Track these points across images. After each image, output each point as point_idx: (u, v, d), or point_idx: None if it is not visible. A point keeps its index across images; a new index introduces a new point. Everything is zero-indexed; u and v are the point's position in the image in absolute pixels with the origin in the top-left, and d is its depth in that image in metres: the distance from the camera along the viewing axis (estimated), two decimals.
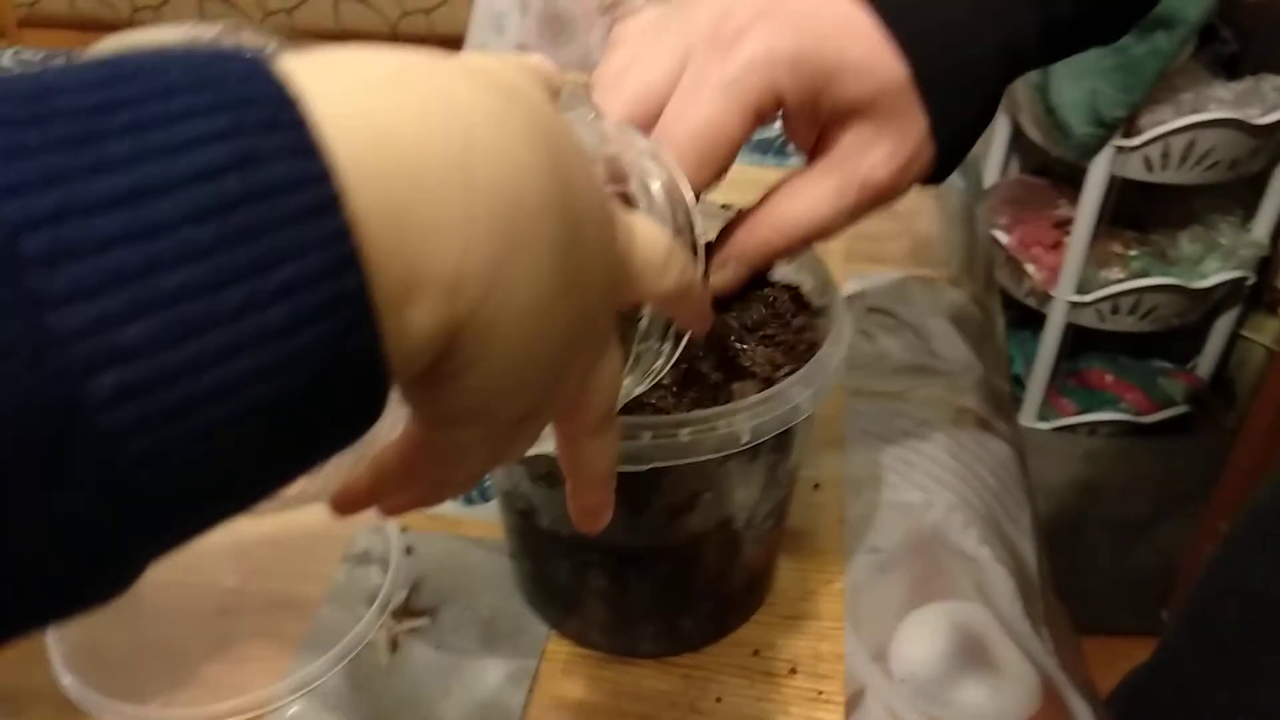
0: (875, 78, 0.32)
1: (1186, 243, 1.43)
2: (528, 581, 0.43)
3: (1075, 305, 1.44)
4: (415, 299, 0.17)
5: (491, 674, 0.41)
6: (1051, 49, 0.35)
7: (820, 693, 0.41)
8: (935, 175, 0.35)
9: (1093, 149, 1.31)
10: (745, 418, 0.33)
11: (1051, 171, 1.56)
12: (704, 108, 0.31)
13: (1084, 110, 1.28)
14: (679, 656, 0.42)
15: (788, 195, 0.35)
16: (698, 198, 0.34)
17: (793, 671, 0.41)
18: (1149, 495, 1.50)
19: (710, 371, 0.36)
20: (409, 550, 0.46)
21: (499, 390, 0.20)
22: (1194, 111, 1.25)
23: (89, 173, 0.14)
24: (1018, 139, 1.55)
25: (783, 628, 0.43)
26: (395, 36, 1.51)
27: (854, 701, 0.40)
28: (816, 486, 0.48)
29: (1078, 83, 1.29)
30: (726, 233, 0.36)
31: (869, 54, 0.32)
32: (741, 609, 0.43)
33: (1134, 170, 1.33)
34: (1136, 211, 1.44)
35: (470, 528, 0.48)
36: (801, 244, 0.35)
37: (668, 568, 0.39)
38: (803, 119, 0.34)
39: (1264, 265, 1.44)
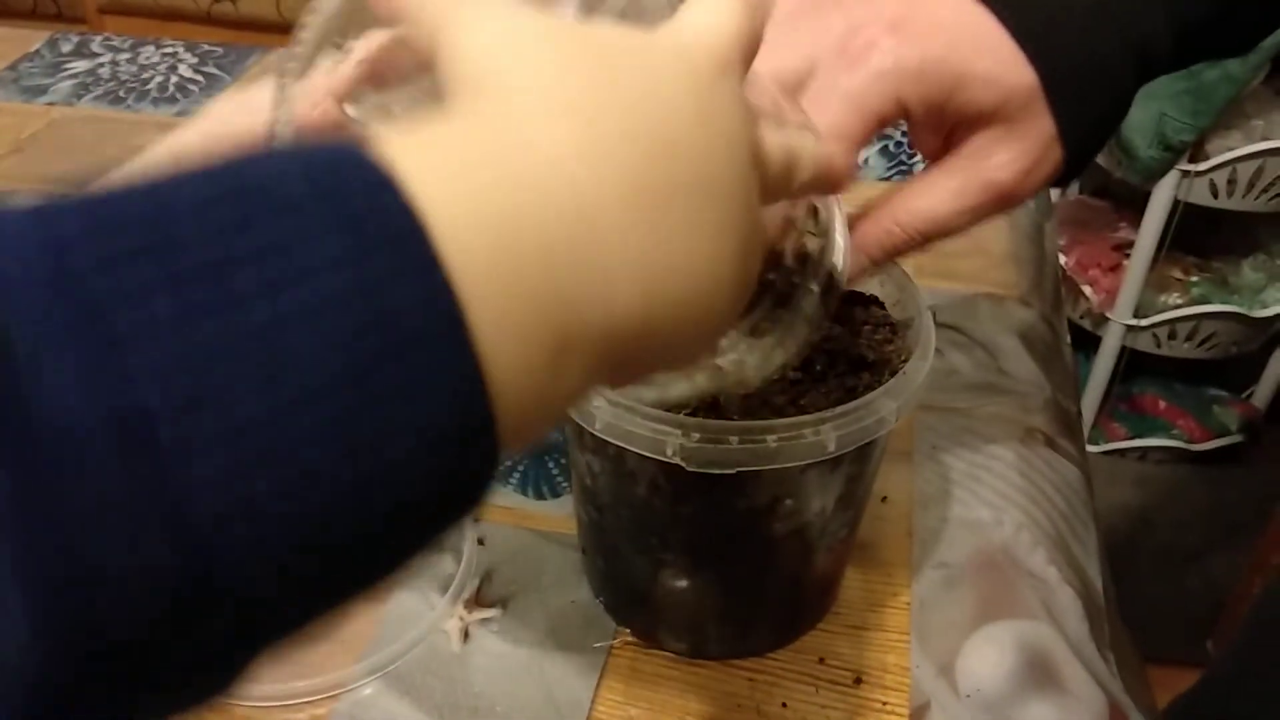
0: (1001, 86, 0.32)
1: (1249, 270, 1.41)
2: (599, 578, 0.44)
3: (1132, 329, 1.42)
4: (568, 357, 0.17)
5: (560, 668, 0.42)
6: (1184, 52, 0.35)
7: (885, 704, 0.41)
8: (1065, 176, 0.35)
9: (1158, 173, 1.30)
10: (831, 427, 0.34)
11: (1112, 193, 1.54)
12: (829, 116, 0.32)
13: (1150, 133, 1.27)
14: (745, 660, 0.42)
15: (911, 192, 0.35)
16: None
17: (858, 681, 0.42)
18: (1198, 525, 1.48)
19: (792, 379, 0.37)
20: (481, 541, 0.47)
21: (683, 354, 0.21)
22: (1264, 139, 1.23)
23: (211, 314, 0.14)
24: None
25: (849, 638, 0.43)
26: None
27: (918, 715, 0.40)
28: (885, 499, 0.49)
29: (1145, 105, 1.27)
30: (849, 226, 0.36)
31: (997, 63, 0.32)
32: (809, 617, 0.43)
33: (1199, 196, 1.31)
34: (1198, 237, 1.42)
35: (541, 521, 0.48)
36: (922, 240, 0.35)
37: (741, 571, 0.40)
38: (927, 127, 0.34)
39: None
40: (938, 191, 0.35)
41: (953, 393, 0.55)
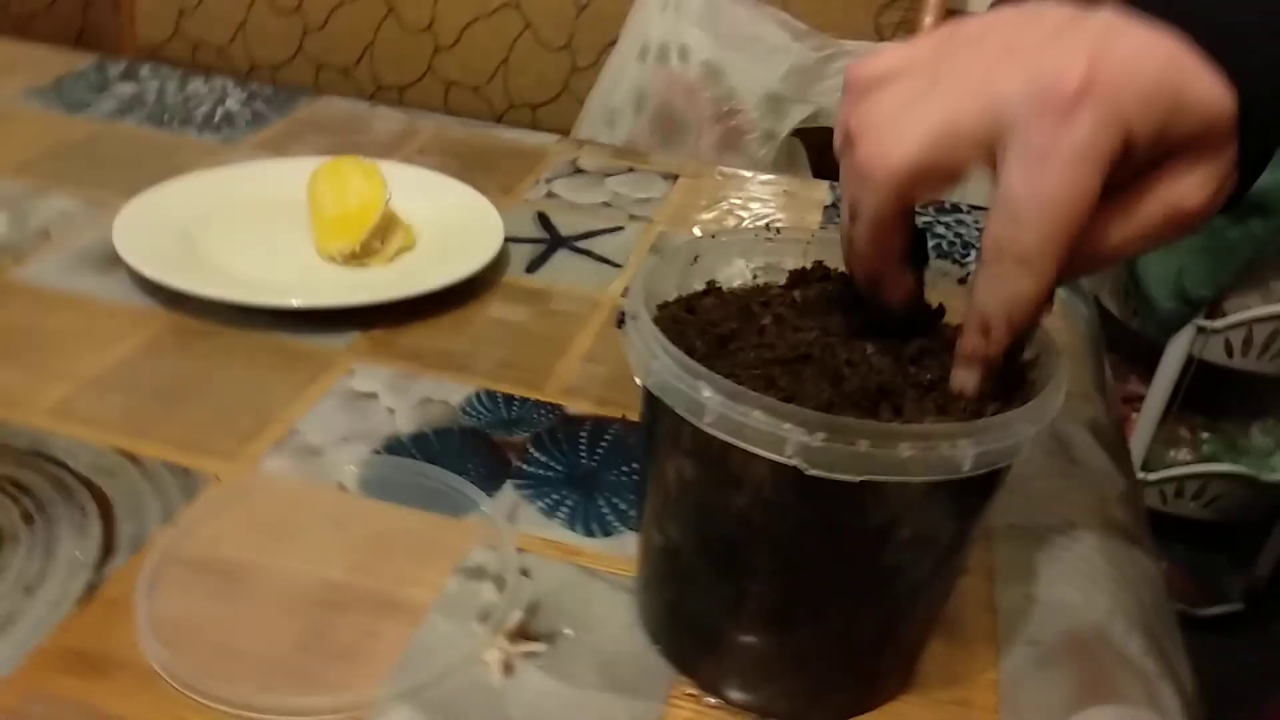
0: (1208, 112, 0.30)
1: (1258, 434, 1.40)
2: (660, 619, 0.40)
3: (1138, 484, 1.40)
4: None
5: (614, 713, 0.37)
6: None
7: None
8: (1231, 203, 0.33)
9: (1175, 325, 1.31)
10: (969, 443, 0.31)
11: (1123, 347, 1.55)
12: (1059, 180, 0.29)
13: (1170, 284, 1.28)
14: None
15: (1097, 224, 0.32)
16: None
17: None
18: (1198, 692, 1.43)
19: (917, 400, 0.34)
20: (525, 572, 0.43)
21: None
22: None
23: None
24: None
25: (932, 711, 0.39)
26: (500, 120, 1.52)
27: None
28: (964, 572, 0.45)
29: (1165, 258, 1.29)
30: None
31: (1205, 88, 0.30)
32: (891, 683, 0.39)
33: (1214, 354, 1.32)
34: (1206, 397, 1.42)
35: (590, 559, 0.44)
36: (1099, 269, 0.34)
37: (834, 614, 0.36)
38: (1130, 162, 0.31)
39: None
40: (1130, 225, 0.32)
41: (1027, 477, 0.52)
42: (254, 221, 0.67)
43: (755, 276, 0.43)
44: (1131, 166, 0.32)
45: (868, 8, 1.40)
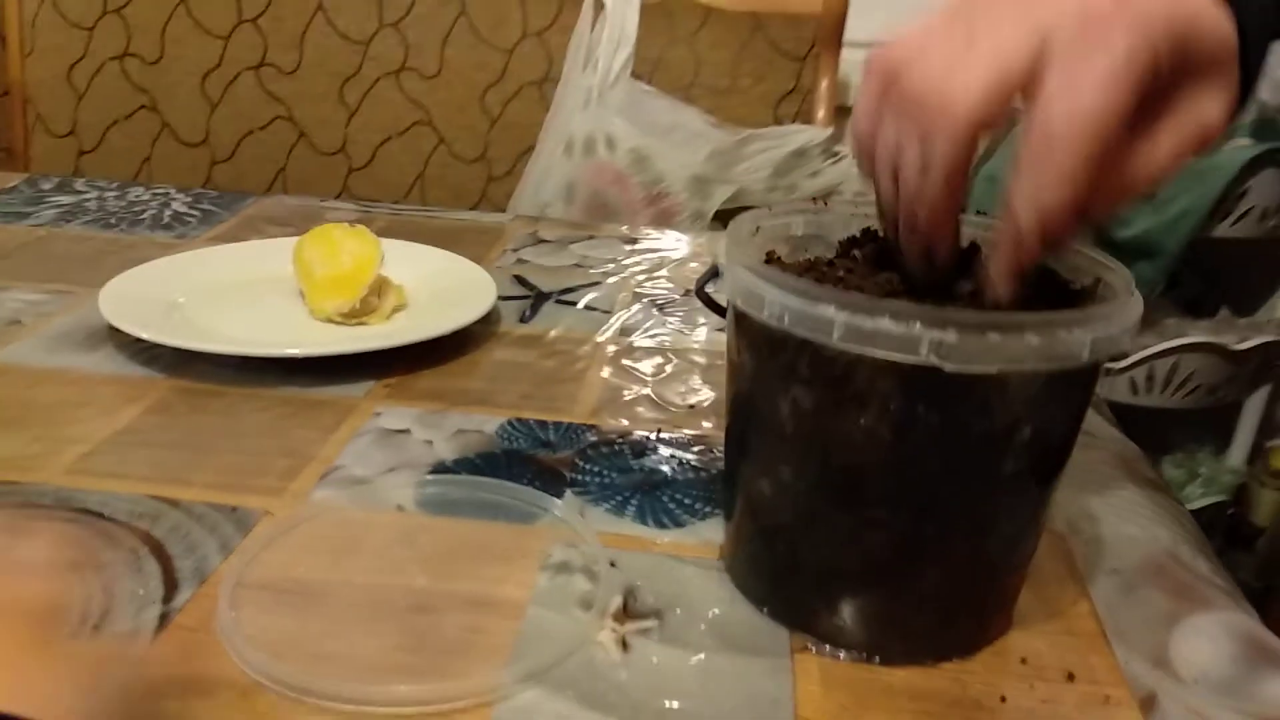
0: (1217, 35, 0.34)
1: (1170, 467, 1.48)
2: (769, 576, 0.40)
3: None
4: None
5: (743, 671, 0.37)
6: None
7: (1108, 697, 0.37)
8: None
9: None
10: (1085, 330, 0.33)
11: None
12: (1096, 94, 0.32)
13: None
14: (940, 664, 0.38)
15: (1131, 153, 0.34)
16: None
17: (1071, 678, 0.38)
18: None
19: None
20: (612, 563, 0.42)
21: None
22: (1177, 336, 1.34)
23: None
24: None
25: (1042, 640, 0.39)
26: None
27: (1147, 705, 0.36)
28: None
29: None
30: None
31: (1214, 15, 0.33)
32: (997, 622, 0.40)
33: (1120, 394, 1.40)
34: None
35: (668, 548, 0.44)
36: (1133, 196, 0.35)
37: (955, 534, 0.36)
38: (1154, 85, 0.34)
39: (1240, 492, 1.49)
40: (1153, 148, 0.35)
41: None
42: (241, 293, 0.65)
43: (806, 250, 0.44)
44: (1154, 91, 0.34)
45: (765, 101, 1.49)
